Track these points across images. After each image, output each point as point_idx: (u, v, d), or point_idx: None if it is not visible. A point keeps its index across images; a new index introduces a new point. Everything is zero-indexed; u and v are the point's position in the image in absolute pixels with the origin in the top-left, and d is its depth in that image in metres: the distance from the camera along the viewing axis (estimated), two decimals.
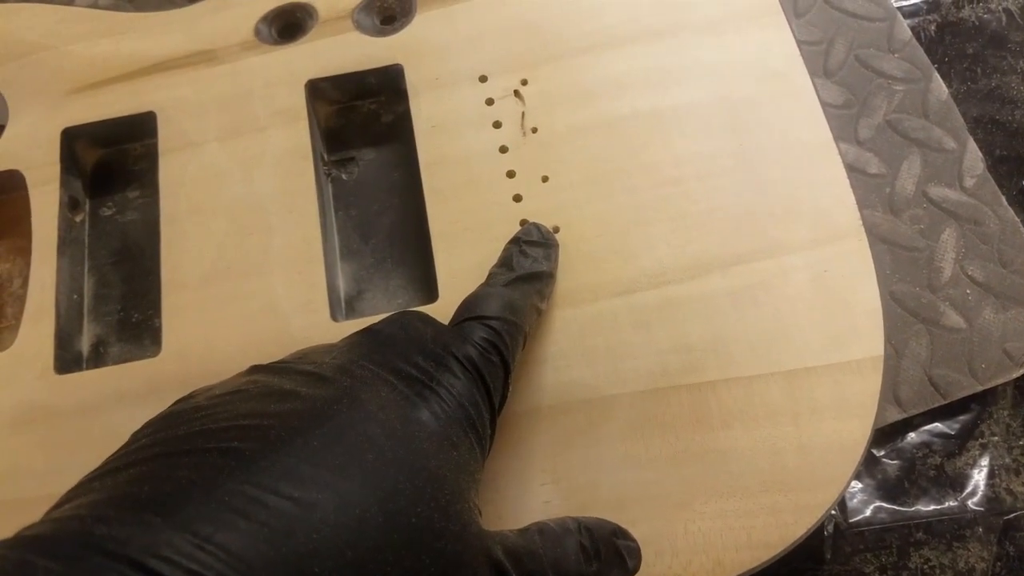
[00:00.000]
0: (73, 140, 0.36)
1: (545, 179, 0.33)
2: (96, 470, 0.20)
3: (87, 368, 0.33)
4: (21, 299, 0.35)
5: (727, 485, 0.28)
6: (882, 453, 0.33)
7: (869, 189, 0.37)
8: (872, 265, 0.31)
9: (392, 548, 0.18)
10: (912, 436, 0.34)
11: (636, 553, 0.24)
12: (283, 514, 0.18)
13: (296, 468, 0.19)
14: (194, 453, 0.19)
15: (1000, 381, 0.33)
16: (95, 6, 0.45)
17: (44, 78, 0.37)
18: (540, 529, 0.23)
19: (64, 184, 0.35)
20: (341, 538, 0.18)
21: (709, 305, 0.30)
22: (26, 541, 0.17)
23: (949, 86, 0.39)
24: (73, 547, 0.17)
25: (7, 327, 0.35)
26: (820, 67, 0.39)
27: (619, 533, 0.24)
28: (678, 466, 0.29)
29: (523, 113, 0.34)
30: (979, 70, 0.40)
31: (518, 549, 0.21)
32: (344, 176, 0.37)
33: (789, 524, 0.28)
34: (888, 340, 0.30)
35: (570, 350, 0.30)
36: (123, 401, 0.31)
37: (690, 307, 0.30)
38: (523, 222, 0.32)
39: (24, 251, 0.36)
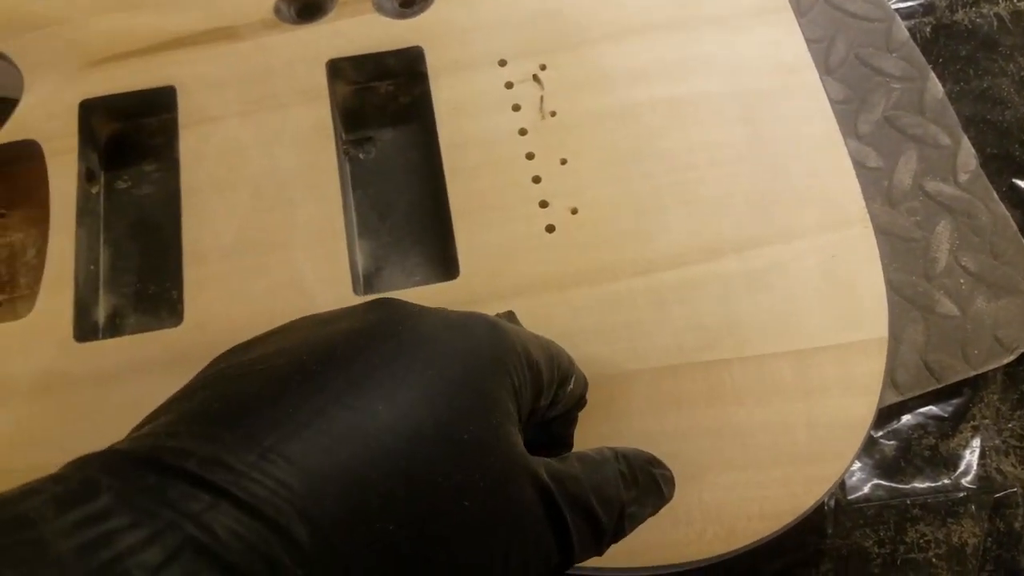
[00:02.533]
0: (90, 112, 0.36)
1: (564, 161, 0.34)
2: (173, 396, 0.21)
3: (103, 337, 0.33)
4: (35, 269, 0.35)
5: (740, 458, 0.29)
6: (880, 434, 0.35)
7: (868, 182, 0.38)
8: (876, 252, 0.32)
9: (445, 460, 0.19)
10: (908, 418, 0.35)
11: (671, 481, 0.25)
12: (343, 422, 0.18)
13: (359, 381, 0.19)
14: (262, 372, 0.20)
15: (991, 367, 0.35)
16: None
17: (60, 50, 0.37)
18: (580, 457, 0.23)
19: (82, 156, 0.35)
20: (397, 447, 0.18)
21: (723, 286, 0.32)
22: (97, 457, 0.18)
23: (944, 86, 0.40)
24: (137, 464, 0.17)
25: (20, 297, 0.35)
26: (822, 64, 0.41)
27: (655, 462, 0.25)
28: (693, 439, 0.30)
29: (542, 97, 0.35)
30: (972, 71, 0.41)
31: (560, 473, 0.22)
32: (361, 155, 0.37)
33: (799, 495, 0.29)
34: None
35: (590, 327, 0.31)
36: (143, 370, 0.31)
37: (705, 288, 0.32)
38: (543, 203, 0.33)
39: (37, 221, 0.36)
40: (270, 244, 0.33)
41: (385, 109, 0.38)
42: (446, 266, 0.34)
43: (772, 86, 0.35)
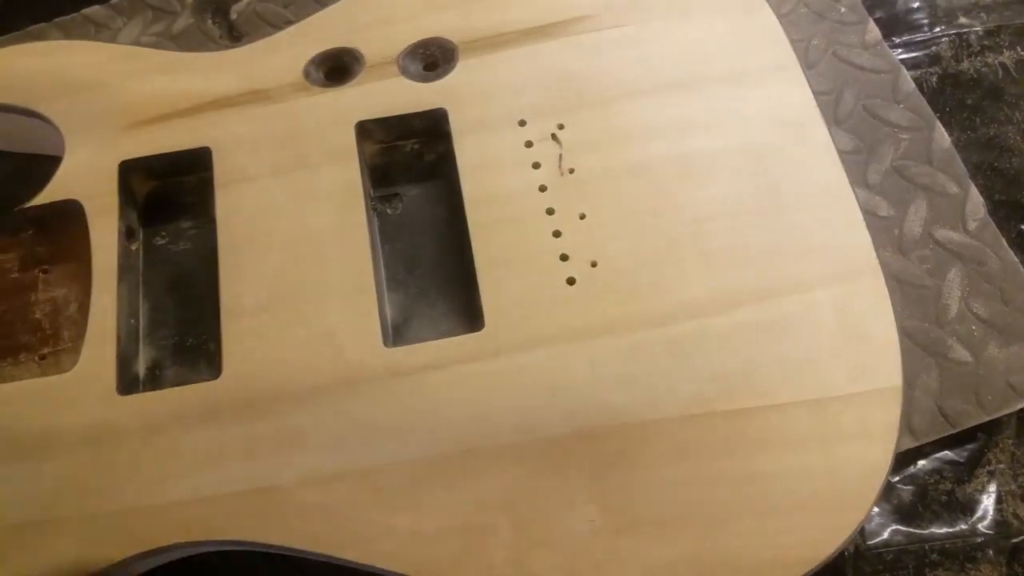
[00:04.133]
0: (129, 172, 0.38)
1: (583, 216, 0.35)
2: None
3: (144, 390, 0.35)
4: (76, 323, 0.37)
5: (760, 506, 0.30)
6: (896, 479, 0.35)
7: (879, 230, 0.39)
8: (888, 301, 0.33)
9: None
10: (924, 463, 0.36)
11: None
12: None
13: None
14: None
15: (1005, 412, 0.36)
16: (137, 44, 0.48)
17: (99, 113, 0.39)
18: None
19: (122, 214, 0.37)
20: None
21: (741, 336, 0.33)
22: None
23: (950, 134, 0.41)
24: None
25: (63, 350, 0.36)
26: (830, 115, 0.42)
27: None
28: (714, 488, 0.31)
29: (560, 155, 0.37)
30: (978, 120, 0.43)
31: None
32: (389, 211, 0.39)
33: (820, 542, 0.30)
34: None
35: (610, 377, 0.32)
36: (185, 421, 0.32)
37: (723, 338, 0.33)
38: (563, 256, 0.34)
39: (78, 276, 0.38)
40: (304, 298, 0.34)
41: (411, 167, 0.39)
42: (471, 317, 0.35)
43: (783, 140, 0.36)
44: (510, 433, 0.32)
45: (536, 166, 0.36)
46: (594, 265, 0.34)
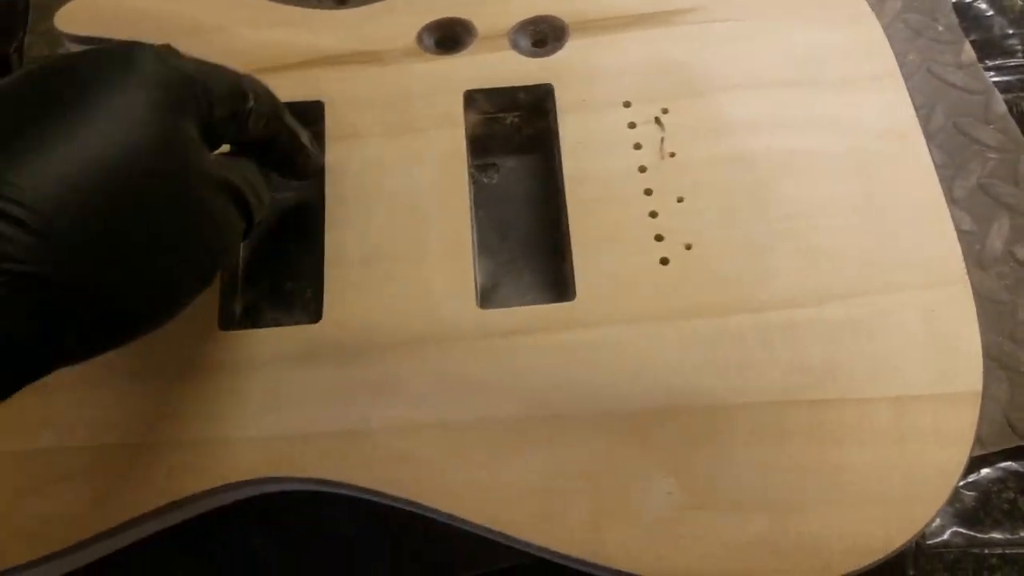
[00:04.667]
0: None
1: (680, 200, 0.36)
2: None
3: (241, 328, 0.36)
4: None
5: (837, 495, 0.31)
6: (961, 484, 0.36)
7: (961, 244, 0.40)
8: (974, 310, 0.34)
9: (147, 176, 0.24)
10: (988, 471, 0.37)
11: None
12: (62, 149, 0.23)
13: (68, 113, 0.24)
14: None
15: None
16: None
17: (214, 57, 0.40)
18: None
19: None
20: (113, 167, 0.24)
21: (829, 330, 0.33)
22: None
23: None
24: None
25: None
26: (922, 129, 0.43)
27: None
28: (793, 474, 0.31)
29: (662, 139, 0.37)
30: None
31: (229, 164, 0.30)
32: (485, 179, 0.40)
33: (890, 535, 0.31)
34: None
35: (698, 359, 0.33)
36: (282, 361, 0.34)
37: (812, 331, 0.33)
38: (658, 236, 0.35)
39: None
40: (404, 255, 0.35)
41: (509, 139, 0.40)
42: (558, 288, 0.37)
43: (884, 148, 0.37)
44: (595, 403, 0.33)
45: (637, 147, 0.37)
46: (688, 248, 0.35)
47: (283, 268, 0.38)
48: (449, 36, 0.40)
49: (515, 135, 0.41)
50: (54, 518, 0.31)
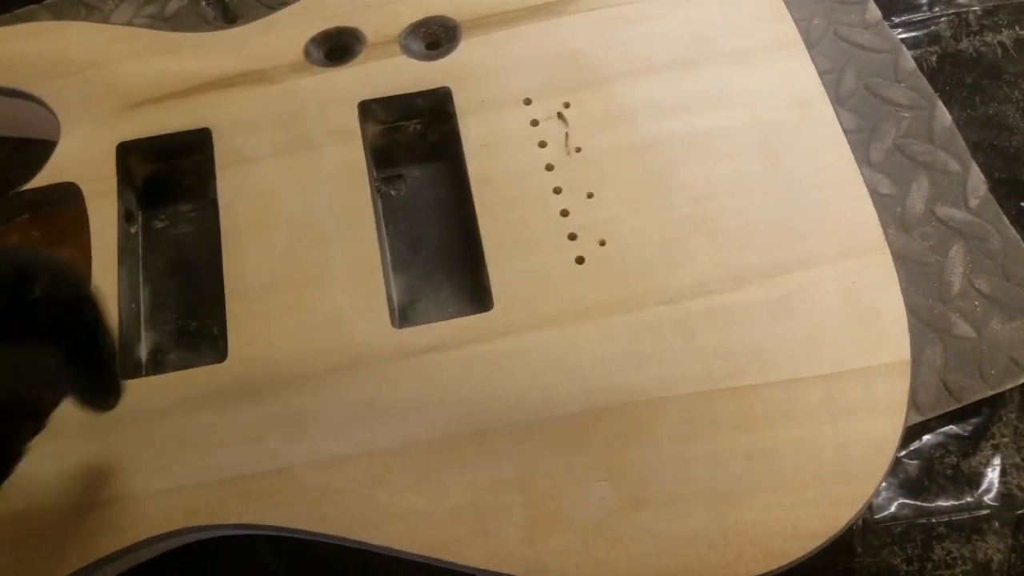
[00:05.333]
0: (127, 154, 0.37)
1: (590, 195, 0.35)
2: None
3: (146, 374, 0.34)
4: None
5: (772, 481, 0.30)
6: (903, 454, 0.36)
7: (882, 208, 0.39)
8: (896, 277, 0.33)
9: None
10: (929, 438, 0.36)
11: None
12: None
13: None
14: None
15: (1009, 386, 0.36)
16: (130, 24, 0.47)
17: (95, 95, 0.39)
18: None
19: (121, 197, 0.36)
20: None
21: (749, 313, 0.33)
22: None
23: (950, 113, 0.42)
24: None
25: None
26: (832, 94, 0.42)
27: None
28: (726, 464, 0.31)
29: (567, 134, 0.36)
30: (978, 99, 0.43)
31: None
32: (392, 192, 0.38)
33: (831, 516, 0.30)
34: None
35: (619, 355, 0.32)
36: (190, 405, 0.32)
37: (731, 315, 0.33)
38: (571, 235, 0.34)
39: (76, 261, 0.37)
40: (309, 280, 0.34)
41: (413, 147, 0.39)
42: (478, 297, 0.35)
43: (789, 118, 0.36)
44: (520, 412, 0.32)
45: (542, 145, 0.36)
46: (603, 244, 0.34)
47: (187, 307, 0.36)
48: (338, 46, 0.39)
49: (418, 142, 0.39)
50: None
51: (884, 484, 0.35)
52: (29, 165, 0.43)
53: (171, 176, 0.39)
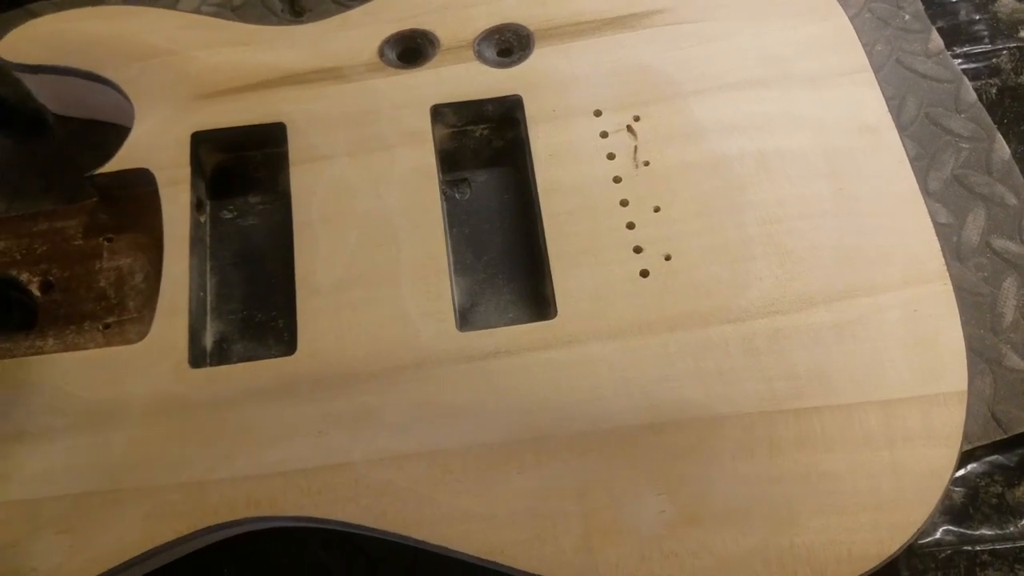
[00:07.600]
0: (200, 144, 0.38)
1: (657, 209, 0.36)
2: None
3: (211, 364, 0.35)
4: (142, 293, 0.37)
5: (830, 503, 0.31)
6: None
7: (938, 237, 0.40)
8: (956, 307, 0.34)
9: None
10: (975, 466, 0.37)
11: None
12: None
13: None
14: None
15: None
16: (198, 12, 0.47)
17: (170, 82, 0.39)
18: None
19: (193, 186, 0.37)
20: None
21: (813, 336, 0.33)
22: None
23: (1009, 146, 0.42)
24: None
25: (129, 319, 0.36)
26: (894, 121, 0.42)
27: None
28: (784, 484, 0.31)
29: (635, 147, 0.37)
30: None
31: None
32: (457, 195, 0.39)
33: (885, 540, 0.30)
34: None
35: (683, 371, 0.33)
36: (257, 397, 0.32)
37: (796, 337, 0.33)
38: (637, 248, 0.35)
39: (144, 247, 0.38)
40: (378, 279, 0.34)
41: (479, 152, 0.40)
42: (538, 305, 0.36)
43: (857, 144, 0.36)
44: (580, 422, 0.32)
45: (611, 157, 0.37)
46: (668, 259, 0.34)
47: (253, 298, 0.37)
48: (412, 48, 0.39)
49: (485, 148, 0.40)
50: (32, 572, 0.30)
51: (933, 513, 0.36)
52: (92, 145, 0.43)
53: (241, 167, 0.39)
